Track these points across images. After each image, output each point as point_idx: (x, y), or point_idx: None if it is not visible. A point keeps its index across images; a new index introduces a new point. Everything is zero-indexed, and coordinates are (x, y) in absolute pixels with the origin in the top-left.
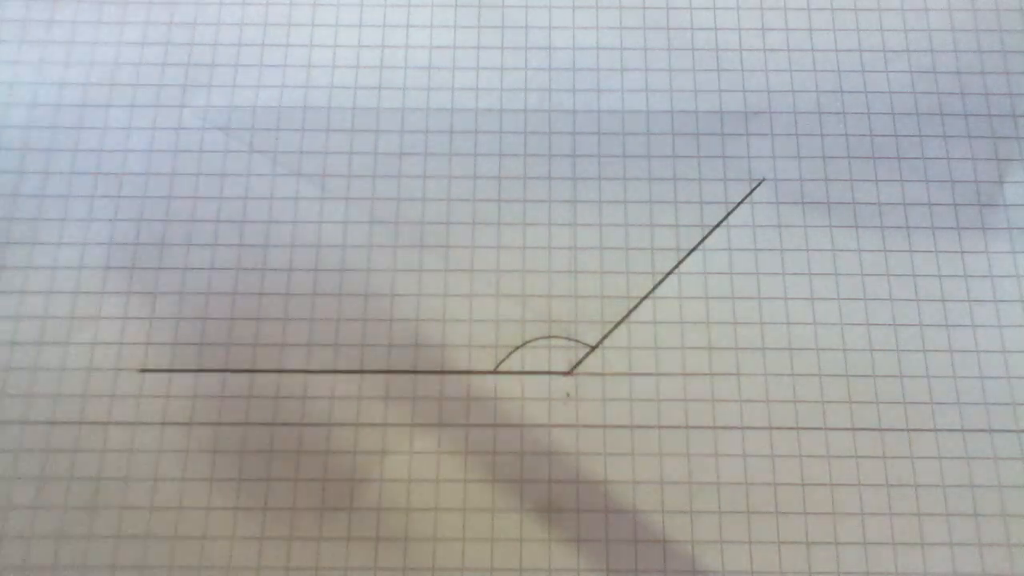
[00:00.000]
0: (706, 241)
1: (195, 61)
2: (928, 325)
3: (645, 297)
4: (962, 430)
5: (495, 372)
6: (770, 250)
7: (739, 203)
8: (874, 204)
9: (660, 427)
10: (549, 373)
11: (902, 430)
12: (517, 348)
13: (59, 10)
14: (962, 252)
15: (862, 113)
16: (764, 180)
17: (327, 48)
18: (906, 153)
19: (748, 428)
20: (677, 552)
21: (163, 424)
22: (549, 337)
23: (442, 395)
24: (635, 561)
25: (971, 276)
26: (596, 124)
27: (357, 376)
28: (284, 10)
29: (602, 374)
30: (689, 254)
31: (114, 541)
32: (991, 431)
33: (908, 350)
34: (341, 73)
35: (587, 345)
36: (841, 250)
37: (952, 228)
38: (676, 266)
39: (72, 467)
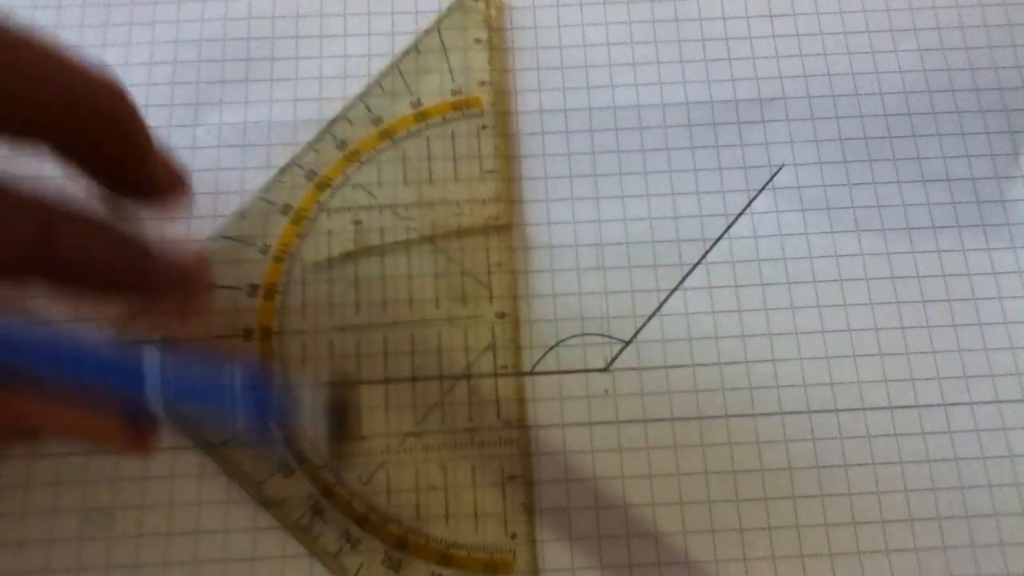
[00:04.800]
0: (731, 229)
1: (204, 78)
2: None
3: (675, 289)
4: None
5: (532, 373)
6: (795, 235)
7: (760, 190)
8: (894, 183)
9: (700, 418)
10: (586, 371)
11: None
12: (552, 348)
13: (61, 32)
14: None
15: (874, 93)
16: (784, 166)
17: (337, 59)
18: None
19: (787, 413)
20: (726, 541)
21: None
22: (583, 335)
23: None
24: (685, 553)
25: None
26: (612, 120)
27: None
28: (291, 23)
29: (639, 368)
30: (715, 243)
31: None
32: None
33: (937, 326)
34: (352, 83)
35: (621, 340)
36: (865, 230)
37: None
38: (703, 256)
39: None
